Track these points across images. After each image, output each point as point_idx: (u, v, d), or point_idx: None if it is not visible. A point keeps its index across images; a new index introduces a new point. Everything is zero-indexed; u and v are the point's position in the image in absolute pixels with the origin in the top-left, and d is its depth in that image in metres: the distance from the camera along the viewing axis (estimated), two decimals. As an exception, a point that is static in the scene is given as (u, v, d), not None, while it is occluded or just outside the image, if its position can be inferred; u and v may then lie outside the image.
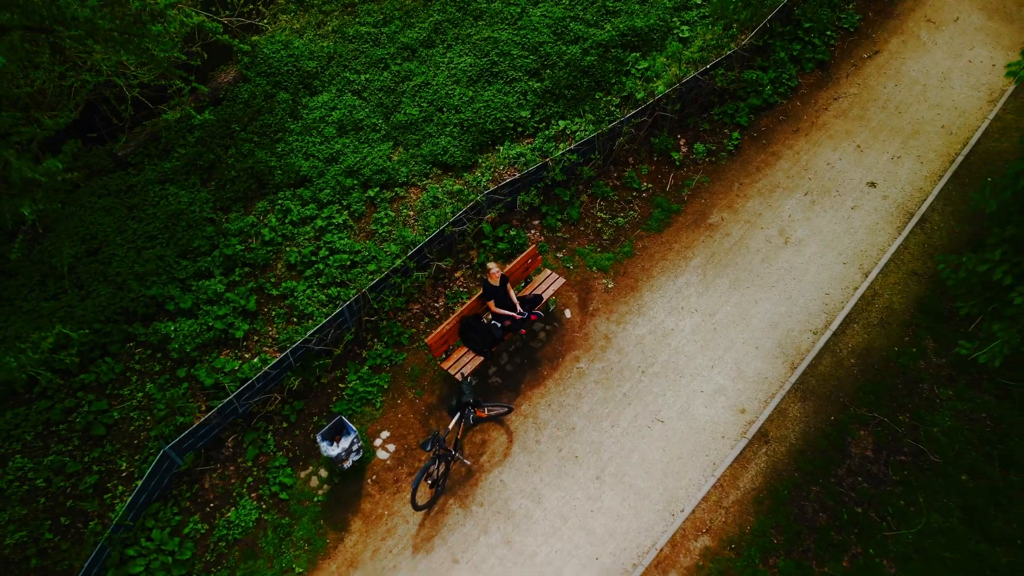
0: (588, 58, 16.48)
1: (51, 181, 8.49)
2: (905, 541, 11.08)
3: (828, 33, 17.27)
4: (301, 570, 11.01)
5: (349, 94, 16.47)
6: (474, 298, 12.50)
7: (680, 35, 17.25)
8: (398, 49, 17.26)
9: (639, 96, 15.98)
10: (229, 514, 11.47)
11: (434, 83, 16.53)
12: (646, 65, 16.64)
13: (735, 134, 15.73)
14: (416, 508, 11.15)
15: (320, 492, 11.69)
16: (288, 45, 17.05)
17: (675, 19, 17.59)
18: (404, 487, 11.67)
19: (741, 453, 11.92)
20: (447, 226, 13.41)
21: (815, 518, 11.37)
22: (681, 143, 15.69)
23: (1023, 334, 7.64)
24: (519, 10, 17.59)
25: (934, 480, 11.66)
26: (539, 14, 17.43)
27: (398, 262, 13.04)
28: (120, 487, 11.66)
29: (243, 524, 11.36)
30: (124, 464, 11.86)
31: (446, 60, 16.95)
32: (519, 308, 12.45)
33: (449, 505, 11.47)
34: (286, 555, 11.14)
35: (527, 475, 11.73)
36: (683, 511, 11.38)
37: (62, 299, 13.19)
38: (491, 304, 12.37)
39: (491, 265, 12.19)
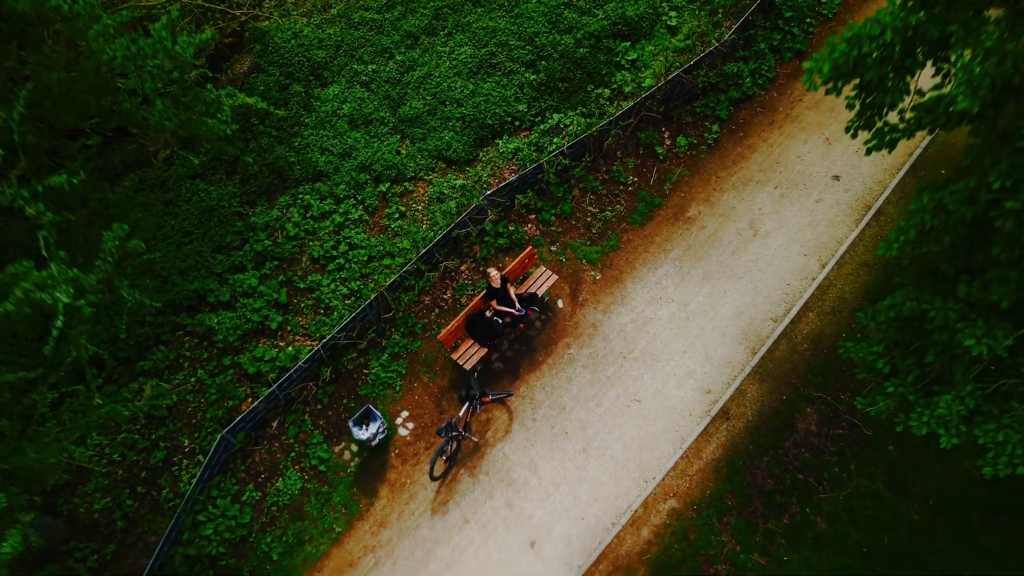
0: (581, 50, 17.76)
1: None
2: (836, 502, 13.63)
3: (808, 20, 18.45)
4: (340, 529, 13.61)
5: (358, 86, 17.85)
6: (478, 297, 14.53)
7: (668, 22, 18.44)
8: (402, 37, 18.47)
9: (628, 89, 17.42)
10: (278, 483, 13.96)
11: (437, 74, 17.88)
12: (635, 56, 17.95)
13: (715, 127, 17.28)
14: (433, 478, 13.65)
15: (352, 464, 14.16)
16: (298, 34, 18.26)
17: (664, 4, 18.71)
18: (423, 459, 14.12)
19: (705, 429, 14.31)
20: (453, 228, 15.27)
21: (763, 483, 13.88)
22: (665, 136, 17.26)
23: (899, 406, 9.25)
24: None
25: (865, 450, 14.09)
26: (534, 1, 18.53)
27: (410, 266, 14.99)
28: (185, 460, 14.11)
29: (290, 492, 13.88)
30: (186, 441, 14.26)
31: (447, 50, 18.21)
32: (517, 305, 14.51)
33: (460, 475, 13.96)
34: (327, 517, 13.71)
35: (525, 449, 14.17)
36: (654, 479, 13.88)
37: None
38: (493, 303, 14.42)
39: (492, 271, 14.16)
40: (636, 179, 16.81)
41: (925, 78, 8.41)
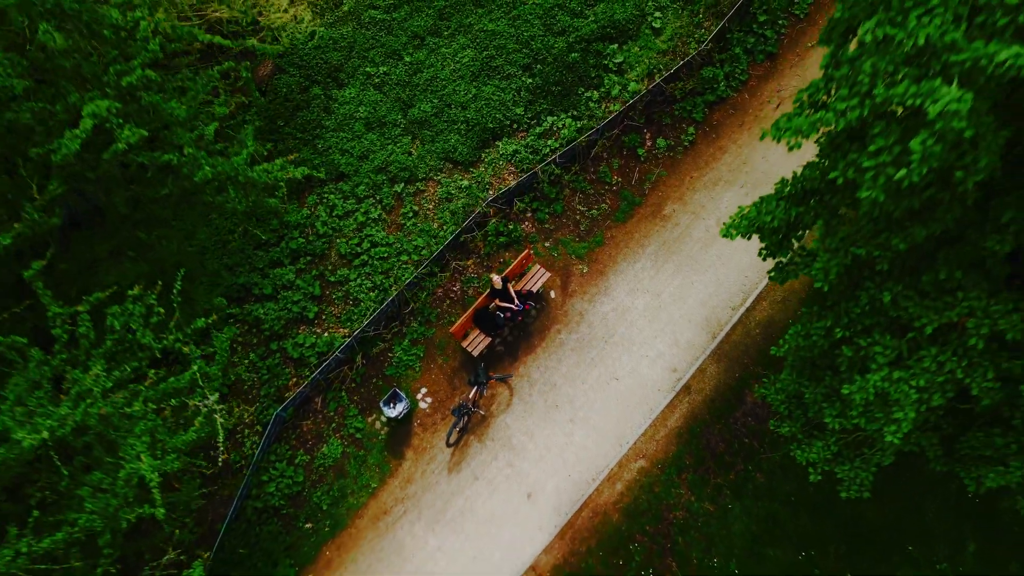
0: (573, 54, 19.91)
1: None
2: (773, 461, 17.22)
3: (780, 22, 20.45)
4: (375, 485, 17.29)
5: (371, 88, 20.12)
6: (483, 296, 17.57)
7: (653, 23, 20.45)
8: (409, 38, 20.53)
9: (614, 92, 19.74)
10: (323, 449, 17.53)
11: (442, 76, 20.10)
12: (622, 58, 20.10)
13: (691, 129, 19.73)
14: (448, 445, 17.20)
15: (382, 433, 17.68)
16: (314, 35, 20.33)
17: (650, 3, 20.62)
18: (440, 429, 17.62)
19: (670, 402, 17.73)
20: (460, 233, 18.12)
21: (715, 446, 17.45)
22: (647, 137, 19.72)
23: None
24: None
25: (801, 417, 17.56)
26: (531, 3, 20.44)
27: (424, 268, 17.94)
28: (246, 430, 17.60)
29: (333, 456, 17.46)
30: (246, 416, 17.70)
31: (451, 52, 20.33)
32: (516, 302, 17.57)
33: (471, 441, 17.51)
34: (364, 475, 17.36)
35: (523, 419, 17.64)
36: (628, 443, 17.43)
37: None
38: (496, 301, 17.49)
39: (494, 276, 17.13)
40: (620, 179, 19.45)
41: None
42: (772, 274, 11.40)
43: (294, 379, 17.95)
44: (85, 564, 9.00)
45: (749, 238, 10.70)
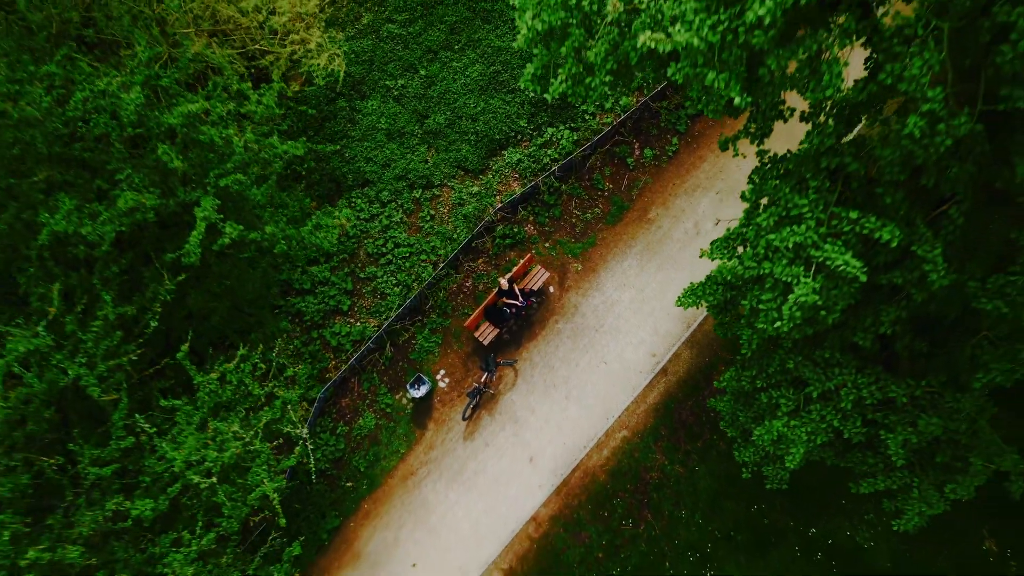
0: (570, 69, 22.59)
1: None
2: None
3: (759, 38, 22.97)
4: (403, 450, 21.28)
5: (391, 100, 22.97)
6: (492, 295, 21.01)
7: (644, 39, 22.97)
8: (423, 52, 23.20)
9: (607, 105, 22.58)
10: (359, 421, 21.42)
11: (454, 89, 22.89)
12: (615, 73, 22.77)
13: (675, 139, 22.67)
14: (464, 419, 21.07)
15: (408, 408, 21.54)
16: (341, 78, 22.96)
17: (641, 19, 23.08)
18: (457, 405, 21.45)
19: (649, 382, 21.46)
20: (471, 239, 21.45)
21: (686, 419, 21.29)
22: (635, 147, 22.68)
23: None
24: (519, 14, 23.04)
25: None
26: (533, 19, 22.94)
27: (440, 271, 21.34)
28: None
29: (368, 427, 21.38)
30: (294, 395, 21.49)
31: (462, 66, 23.04)
32: (520, 299, 21.06)
33: (482, 415, 21.37)
34: (394, 443, 21.33)
35: (526, 396, 21.44)
36: (613, 416, 21.27)
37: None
38: (503, 299, 20.99)
39: (501, 281, 20.55)
40: (611, 186, 22.56)
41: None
42: (717, 329, 14.84)
43: (333, 363, 21.68)
44: (219, 549, 12.87)
45: (698, 307, 14.10)
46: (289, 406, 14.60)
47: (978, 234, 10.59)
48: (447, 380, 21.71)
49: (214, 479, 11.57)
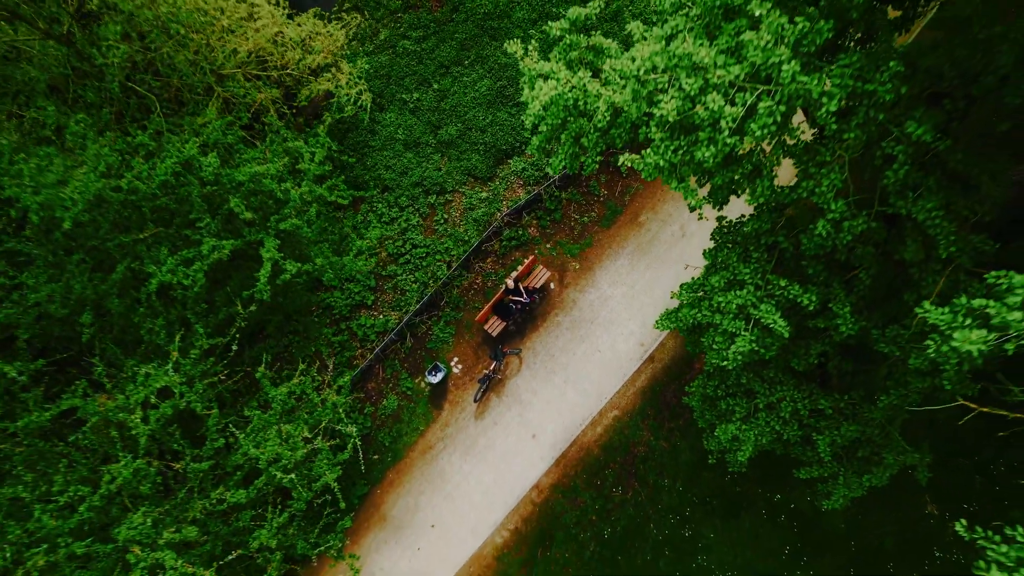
0: (570, 85, 25.44)
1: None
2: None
3: (742, 56, 25.77)
4: (422, 428, 24.90)
5: (407, 113, 25.89)
6: (499, 293, 24.34)
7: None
8: (436, 67, 26.02)
9: (603, 118, 25.44)
10: (384, 402, 24.99)
11: (464, 102, 25.78)
12: (610, 88, 25.63)
13: (664, 150, 25.62)
14: (475, 401, 24.64)
15: (426, 391, 25.08)
16: (367, 106, 25.80)
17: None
18: (469, 389, 24.99)
19: (638, 368, 24.96)
20: (481, 242, 24.65)
21: (670, 400, 24.85)
22: (628, 156, 25.65)
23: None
24: (522, 33, 25.82)
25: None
26: (537, 37, 25.70)
27: (453, 271, 24.60)
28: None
29: (391, 407, 24.96)
30: (326, 377, 25.02)
31: (471, 80, 25.89)
32: (525, 296, 24.39)
33: (491, 398, 24.93)
34: (414, 421, 24.94)
35: (529, 381, 24.96)
36: (606, 398, 24.83)
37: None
38: (510, 296, 24.32)
39: (508, 282, 23.84)
40: (606, 192, 25.66)
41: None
42: (688, 346, 18.18)
43: (359, 351, 25.14)
44: (289, 523, 16.49)
45: (672, 331, 17.41)
46: (340, 409, 18.04)
47: (883, 292, 13.82)
48: (460, 367, 25.20)
49: (292, 475, 15.07)
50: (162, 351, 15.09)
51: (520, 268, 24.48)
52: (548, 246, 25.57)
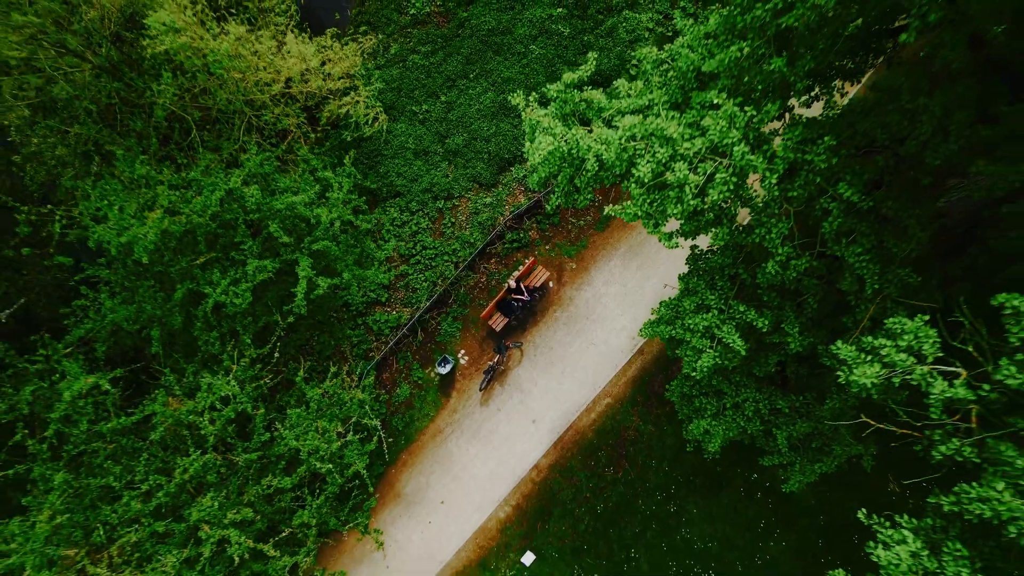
0: (568, 98, 27.95)
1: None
2: (695, 399, 27.64)
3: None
4: (432, 414, 27.88)
5: (417, 123, 28.45)
6: (503, 291, 27.14)
7: (631, 72, 28.25)
8: (444, 80, 28.52)
9: (599, 129, 28.04)
10: (397, 391, 27.93)
11: (470, 114, 28.32)
12: (605, 101, 28.14)
13: (654, 158, 28.23)
14: (480, 389, 27.59)
15: (436, 380, 28.01)
16: (384, 129, 28.28)
17: (628, 53, 28.31)
18: (475, 378, 27.91)
19: (629, 360, 27.85)
20: (485, 245, 27.40)
21: (658, 389, 27.77)
22: (621, 164, 28.26)
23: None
24: (523, 48, 28.27)
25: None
26: (537, 52, 28.19)
27: (460, 272, 27.37)
28: (335, 368, 27.88)
29: (404, 395, 27.91)
30: (348, 367, 27.92)
31: (476, 93, 28.40)
32: (525, 295, 27.19)
33: (495, 387, 27.86)
34: (425, 407, 27.91)
35: (530, 372, 27.87)
36: (599, 387, 27.76)
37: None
38: (512, 294, 27.13)
39: (510, 282, 26.63)
40: (600, 197, 28.33)
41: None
42: (668, 351, 21.01)
43: (375, 344, 28.02)
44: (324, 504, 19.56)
45: (654, 339, 20.22)
46: (366, 405, 20.95)
47: (828, 312, 16.60)
48: (467, 358, 28.10)
49: (330, 464, 18.01)
50: (216, 358, 17.93)
51: (521, 268, 27.23)
52: (547, 248, 28.31)
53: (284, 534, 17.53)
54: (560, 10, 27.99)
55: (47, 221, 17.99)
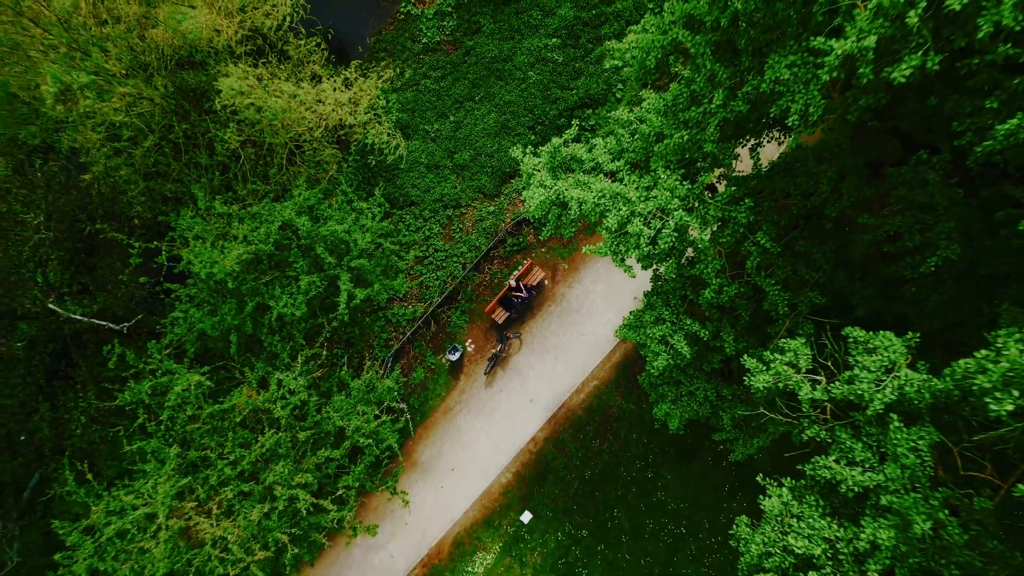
0: (561, 119, 32.99)
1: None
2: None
3: (701, 95, 33.24)
4: (444, 394, 33.36)
5: (429, 141, 33.51)
6: (504, 289, 32.42)
7: (616, 95, 33.24)
8: (452, 102, 33.52)
9: (588, 147, 33.10)
10: (413, 374, 33.37)
11: (475, 132, 33.34)
12: (594, 121, 33.19)
13: (637, 172, 33.35)
14: (485, 374, 33.02)
15: (446, 366, 33.45)
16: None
17: (615, 78, 33.23)
18: (480, 364, 33.33)
19: (613, 348, 33.20)
20: (489, 248, 32.66)
21: (638, 373, 33.14)
22: (608, 177, 33.39)
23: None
24: (522, 75, 33.20)
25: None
26: (534, 78, 33.12)
27: (467, 272, 32.65)
28: (369, 362, 33.32)
29: (419, 378, 33.37)
30: (368, 355, 33.35)
31: (481, 115, 33.40)
32: (524, 293, 32.47)
33: (498, 371, 33.30)
34: (437, 389, 33.39)
35: (527, 359, 33.28)
36: (588, 371, 33.16)
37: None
38: (512, 292, 32.43)
39: (510, 282, 31.90)
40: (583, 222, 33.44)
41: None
42: (639, 349, 26.35)
43: (394, 334, 33.43)
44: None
45: (627, 341, 25.56)
46: (395, 392, 26.35)
47: (759, 323, 21.90)
48: (473, 347, 33.54)
49: (369, 440, 23.43)
50: (278, 356, 23.31)
51: (520, 269, 32.51)
52: (543, 250, 33.57)
53: (337, 493, 22.99)
54: (555, 40, 32.86)
55: (153, 253, 23.34)
